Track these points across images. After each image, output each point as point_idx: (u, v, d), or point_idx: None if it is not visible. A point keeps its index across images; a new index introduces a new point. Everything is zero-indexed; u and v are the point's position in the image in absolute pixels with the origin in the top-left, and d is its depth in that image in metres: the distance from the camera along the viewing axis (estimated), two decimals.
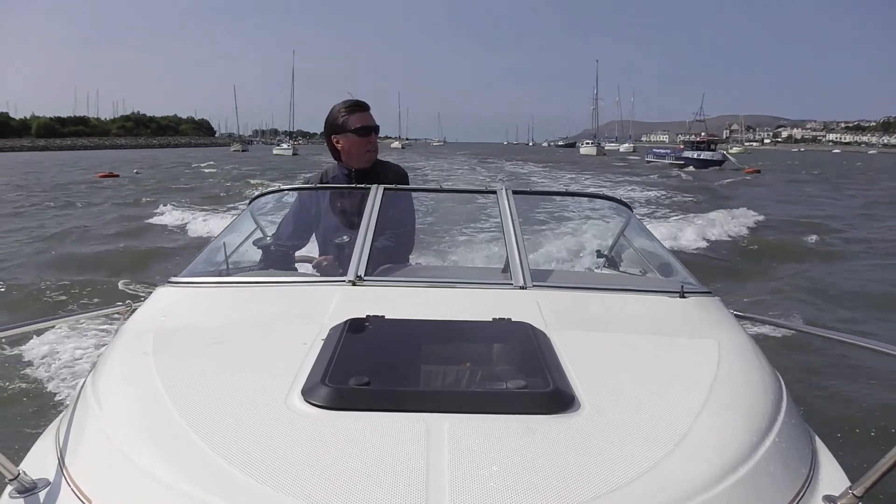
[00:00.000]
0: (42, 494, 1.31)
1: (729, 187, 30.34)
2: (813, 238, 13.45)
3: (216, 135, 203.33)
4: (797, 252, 12.04)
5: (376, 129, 3.40)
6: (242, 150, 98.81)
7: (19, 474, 1.30)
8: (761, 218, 16.12)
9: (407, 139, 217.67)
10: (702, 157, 52.23)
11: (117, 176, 34.35)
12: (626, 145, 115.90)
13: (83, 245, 12.63)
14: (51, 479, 1.35)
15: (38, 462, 1.46)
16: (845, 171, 56.26)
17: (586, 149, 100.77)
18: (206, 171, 39.45)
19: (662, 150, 62.57)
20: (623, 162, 61.18)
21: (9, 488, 1.30)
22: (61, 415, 1.73)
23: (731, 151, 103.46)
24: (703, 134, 66.76)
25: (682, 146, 60.31)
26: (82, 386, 1.79)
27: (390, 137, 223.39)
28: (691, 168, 48.98)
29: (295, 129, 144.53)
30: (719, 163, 51.34)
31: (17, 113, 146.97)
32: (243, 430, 1.32)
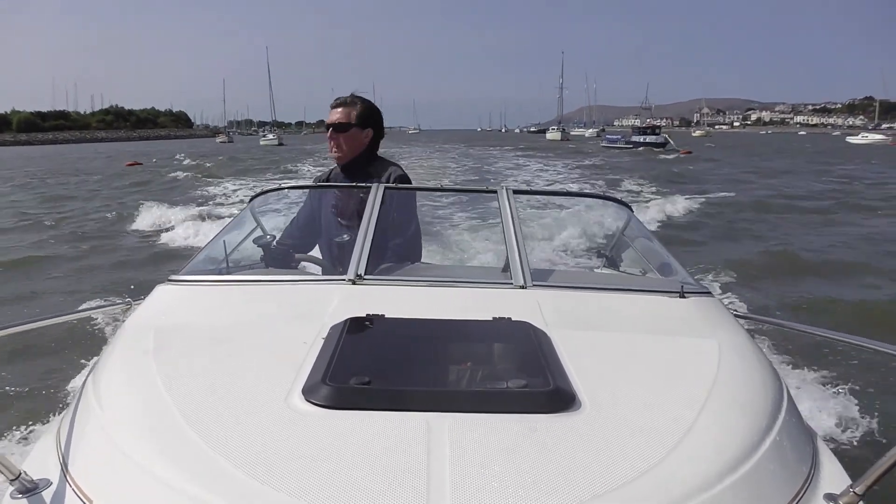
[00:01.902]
0: (43, 495, 1.30)
1: (635, 165, 37.00)
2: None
3: (193, 126, 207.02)
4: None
5: (337, 126, 3.26)
6: (229, 141, 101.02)
7: (20, 474, 1.29)
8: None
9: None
10: (647, 140, 61.01)
11: (141, 164, 40.18)
12: (591, 131, 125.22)
13: None
14: (52, 480, 1.34)
15: (39, 462, 1.45)
16: (762, 150, 64.03)
17: (552, 134, 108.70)
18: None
19: (614, 136, 71.03)
20: (573, 145, 69.50)
21: (10, 489, 1.29)
22: (62, 414, 1.71)
23: (693, 135, 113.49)
24: (647, 121, 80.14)
25: (630, 131, 69.70)
26: (83, 385, 1.77)
27: None
28: (636, 149, 57.71)
29: (271, 120, 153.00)
30: (662, 145, 58.69)
31: None
32: (244, 430, 1.32)
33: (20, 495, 1.29)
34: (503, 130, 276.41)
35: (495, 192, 2.90)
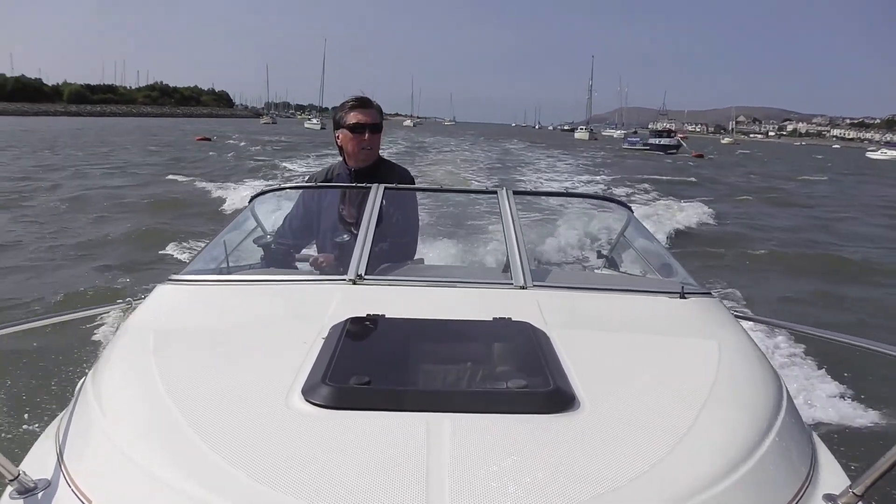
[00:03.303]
0: (42, 495, 1.30)
1: (637, 162, 42.66)
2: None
3: (234, 106, 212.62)
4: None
5: (373, 126, 3.24)
6: (272, 123, 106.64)
7: (19, 475, 1.28)
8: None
9: (418, 117, 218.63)
10: (662, 142, 66.34)
11: (210, 139, 44.70)
12: (619, 132, 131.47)
13: None
14: (51, 480, 1.34)
15: (38, 462, 1.44)
16: (772, 158, 68.93)
17: (580, 134, 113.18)
18: None
19: (634, 139, 77.47)
20: (597, 144, 76.78)
21: (9, 489, 1.29)
22: (61, 414, 1.71)
23: (722, 142, 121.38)
24: (664, 125, 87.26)
25: (649, 134, 76.69)
26: (82, 385, 1.78)
27: (401, 115, 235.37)
28: (651, 150, 63.35)
29: (319, 106, 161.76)
30: (676, 147, 64.15)
31: (49, 80, 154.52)
32: (244, 430, 1.32)
33: (19, 496, 1.29)
34: (536, 127, 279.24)
35: (495, 192, 2.89)
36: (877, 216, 19.63)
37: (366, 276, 2.36)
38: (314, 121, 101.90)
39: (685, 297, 2.38)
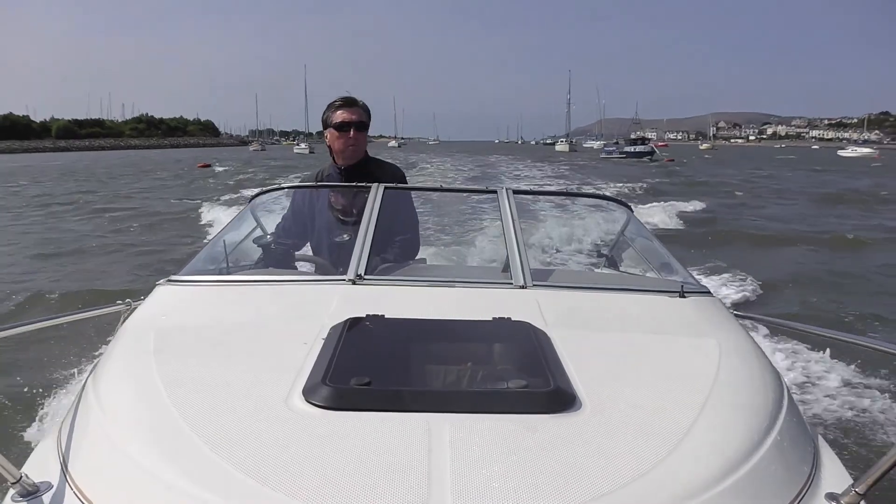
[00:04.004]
0: (45, 498, 1.29)
1: (606, 168, 46.38)
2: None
3: (220, 135, 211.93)
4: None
5: (359, 125, 3.27)
6: (262, 150, 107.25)
7: (21, 477, 1.27)
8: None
9: (402, 138, 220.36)
10: (637, 150, 70.16)
11: (210, 166, 46.88)
12: (599, 143, 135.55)
13: None
14: (53, 482, 1.33)
15: (40, 464, 1.44)
16: (740, 159, 73.05)
17: (560, 146, 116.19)
18: None
19: (611, 148, 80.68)
20: (569, 156, 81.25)
21: (11, 492, 1.28)
22: (63, 416, 1.70)
23: (700, 147, 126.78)
24: (637, 133, 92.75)
25: (624, 143, 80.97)
26: (83, 386, 1.77)
27: (385, 136, 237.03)
28: (627, 158, 66.45)
29: (292, 130, 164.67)
30: (650, 153, 67.40)
31: (37, 116, 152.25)
32: (244, 431, 1.31)
33: (21, 498, 1.27)
34: (520, 142, 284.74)
35: (495, 192, 2.89)
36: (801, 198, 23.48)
37: (365, 276, 2.36)
38: (302, 146, 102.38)
39: (685, 297, 2.39)
